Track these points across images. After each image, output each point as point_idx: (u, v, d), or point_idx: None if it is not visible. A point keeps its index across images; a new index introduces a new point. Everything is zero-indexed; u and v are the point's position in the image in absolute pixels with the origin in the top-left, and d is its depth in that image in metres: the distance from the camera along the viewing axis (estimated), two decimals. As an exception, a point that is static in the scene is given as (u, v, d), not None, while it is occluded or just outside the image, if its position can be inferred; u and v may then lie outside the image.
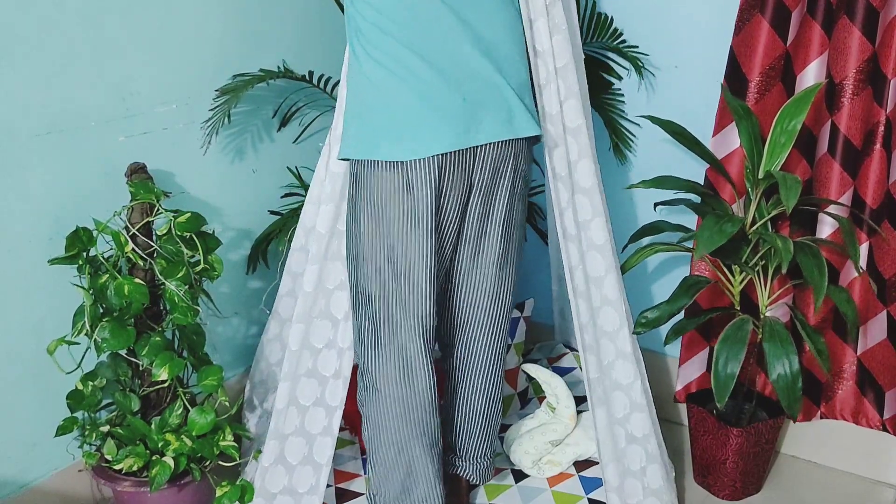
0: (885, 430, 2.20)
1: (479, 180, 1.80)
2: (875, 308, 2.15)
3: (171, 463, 1.90)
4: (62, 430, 1.95)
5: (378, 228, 1.77)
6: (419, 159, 1.71)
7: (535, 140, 1.90)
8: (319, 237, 1.92)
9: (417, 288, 1.80)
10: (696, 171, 2.27)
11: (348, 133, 1.79)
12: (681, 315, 2.16)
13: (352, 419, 2.33)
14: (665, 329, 2.24)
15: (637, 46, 2.33)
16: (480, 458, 2.13)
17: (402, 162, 1.72)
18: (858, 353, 2.22)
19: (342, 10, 2.08)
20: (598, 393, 2.04)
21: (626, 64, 2.37)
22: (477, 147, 1.76)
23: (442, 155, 1.72)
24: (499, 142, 1.77)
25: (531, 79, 1.86)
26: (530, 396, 2.57)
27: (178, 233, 1.93)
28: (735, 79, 2.13)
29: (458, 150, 1.73)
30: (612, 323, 2.05)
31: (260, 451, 2.01)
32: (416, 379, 1.86)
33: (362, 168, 1.77)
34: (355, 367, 1.98)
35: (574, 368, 2.60)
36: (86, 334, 1.87)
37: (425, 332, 1.85)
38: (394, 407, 1.87)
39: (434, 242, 1.78)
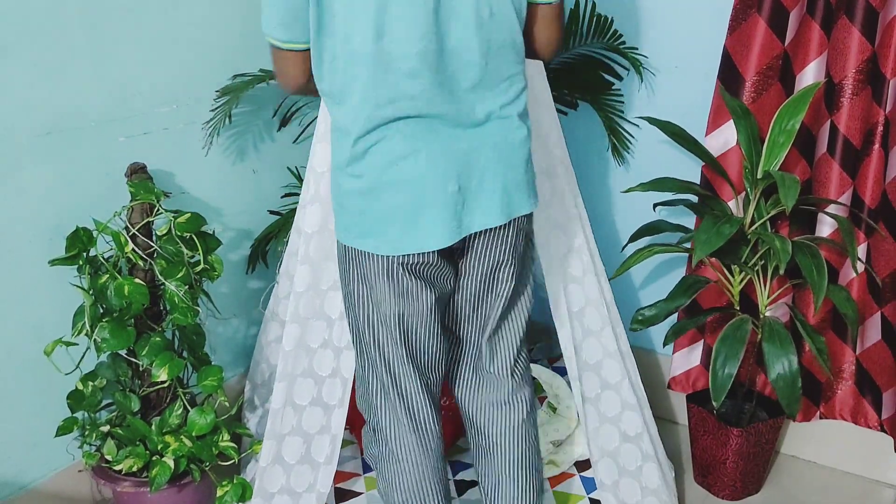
0: (882, 430, 2.20)
1: (474, 252, 1.67)
2: (871, 309, 2.15)
3: (171, 463, 1.90)
4: (62, 431, 1.96)
5: (371, 296, 1.64)
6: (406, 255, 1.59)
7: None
8: (307, 237, 1.91)
9: (417, 349, 1.70)
10: (694, 170, 2.27)
11: (334, 209, 1.65)
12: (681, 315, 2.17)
13: (351, 419, 2.33)
14: (665, 329, 2.25)
15: (637, 48, 2.33)
16: None
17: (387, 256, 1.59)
18: (857, 353, 2.22)
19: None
20: (585, 390, 2.06)
21: (626, 64, 2.37)
22: (470, 234, 1.62)
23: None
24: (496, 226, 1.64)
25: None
26: (530, 396, 2.57)
27: (178, 233, 1.93)
28: (730, 78, 2.13)
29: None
30: (595, 322, 2.05)
31: (259, 443, 2.00)
32: (425, 433, 1.76)
33: (349, 248, 1.65)
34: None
35: (574, 368, 2.60)
36: (86, 335, 1.87)
37: (431, 387, 1.76)
38: (407, 460, 1.77)
39: (432, 308, 1.66)
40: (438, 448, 1.78)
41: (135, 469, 1.93)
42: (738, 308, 2.17)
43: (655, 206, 2.26)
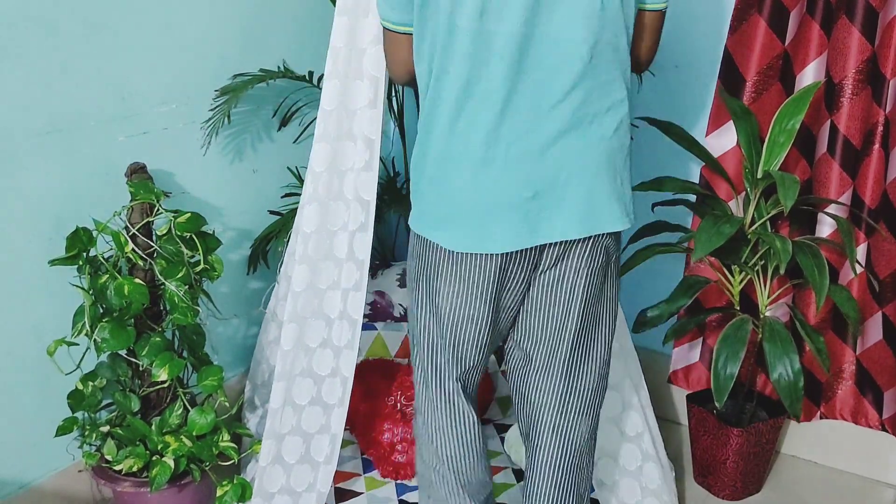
0: (884, 429, 2.20)
1: (546, 268, 1.59)
2: (872, 309, 2.15)
3: (171, 463, 1.90)
4: (62, 431, 1.95)
5: (429, 290, 1.61)
6: (474, 254, 1.53)
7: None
8: (305, 237, 1.91)
9: (461, 354, 1.65)
10: (694, 170, 2.27)
11: (412, 197, 1.61)
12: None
13: (351, 419, 2.33)
14: (665, 328, 2.25)
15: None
16: None
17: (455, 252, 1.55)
18: (858, 353, 2.22)
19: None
20: None
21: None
22: (544, 245, 1.54)
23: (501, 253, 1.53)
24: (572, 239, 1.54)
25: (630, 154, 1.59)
26: (530, 396, 2.56)
27: (178, 233, 1.93)
28: (730, 78, 2.13)
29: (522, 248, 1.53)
30: None
31: (259, 443, 2.01)
32: (464, 431, 1.71)
33: (419, 236, 1.62)
34: (356, 367, 1.98)
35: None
36: (86, 335, 1.87)
37: (469, 390, 1.71)
38: (443, 457, 1.74)
39: (488, 317, 1.60)
40: (475, 442, 1.73)
41: (135, 469, 1.93)
42: (738, 308, 2.17)
43: (654, 206, 2.26)
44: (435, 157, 1.53)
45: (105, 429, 1.97)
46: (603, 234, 1.56)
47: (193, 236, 1.95)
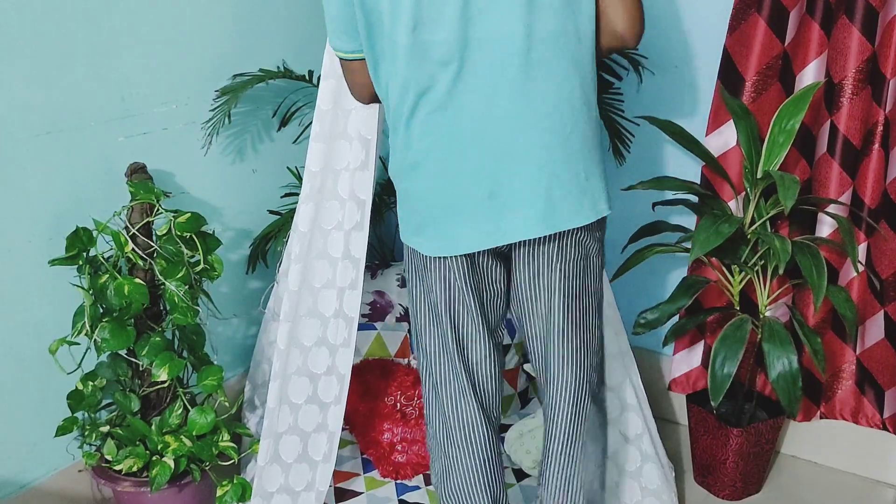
0: (885, 428, 2.20)
1: (517, 266, 1.64)
2: (873, 308, 2.15)
3: (171, 463, 1.90)
4: (62, 430, 1.96)
5: (424, 288, 1.67)
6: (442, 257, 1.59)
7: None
8: (301, 236, 1.91)
9: (467, 350, 1.68)
10: (695, 170, 2.27)
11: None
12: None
13: (351, 418, 2.33)
14: (665, 329, 2.25)
15: (637, 48, 2.33)
16: None
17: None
18: (857, 352, 2.22)
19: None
20: None
21: (626, 63, 2.36)
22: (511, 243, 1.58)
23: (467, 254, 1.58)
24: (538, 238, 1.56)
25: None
26: (530, 396, 2.57)
27: (178, 233, 1.93)
28: (730, 78, 2.13)
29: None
30: None
31: (258, 442, 2.01)
32: (473, 441, 1.72)
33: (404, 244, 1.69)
34: (355, 366, 1.98)
35: (574, 368, 2.60)
36: (86, 334, 1.87)
37: (481, 390, 1.71)
38: (454, 460, 1.74)
39: (478, 310, 1.65)
40: (485, 452, 1.73)
41: (135, 469, 1.93)
42: (737, 308, 2.17)
43: (654, 205, 2.26)
44: (400, 169, 1.59)
45: (105, 429, 1.97)
46: (572, 230, 1.56)
47: (193, 236, 1.95)
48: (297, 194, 2.41)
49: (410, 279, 1.71)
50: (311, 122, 2.44)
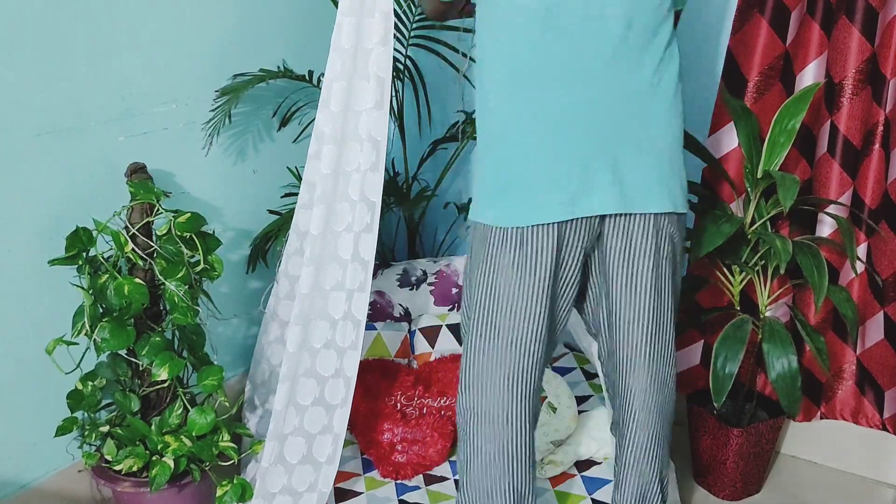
0: (884, 429, 2.20)
1: (601, 245, 1.66)
2: (873, 308, 2.15)
3: (171, 463, 1.90)
4: (62, 430, 1.95)
5: (490, 268, 1.65)
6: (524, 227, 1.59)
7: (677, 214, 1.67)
8: (313, 239, 1.91)
9: (516, 341, 1.66)
10: (694, 169, 2.27)
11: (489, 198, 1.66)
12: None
13: (352, 419, 2.33)
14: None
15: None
16: None
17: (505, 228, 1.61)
18: (858, 353, 2.22)
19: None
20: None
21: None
22: (589, 217, 1.60)
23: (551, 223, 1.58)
24: (615, 214, 1.61)
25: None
26: (530, 396, 2.56)
27: (178, 233, 1.93)
28: (733, 78, 2.13)
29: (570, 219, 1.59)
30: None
31: (260, 443, 2.00)
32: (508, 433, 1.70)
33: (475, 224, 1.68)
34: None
35: (574, 368, 2.60)
36: (86, 334, 1.87)
37: (524, 385, 1.69)
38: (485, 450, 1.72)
39: (544, 295, 1.63)
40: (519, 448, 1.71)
41: (135, 469, 1.93)
42: (738, 308, 2.17)
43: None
44: (495, 137, 1.62)
45: (105, 429, 1.97)
46: (664, 223, 1.62)
47: (193, 236, 1.95)
48: (298, 194, 2.42)
49: (477, 263, 1.66)
50: (311, 122, 2.46)
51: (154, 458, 1.93)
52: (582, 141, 1.55)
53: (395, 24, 2.13)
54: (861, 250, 2.13)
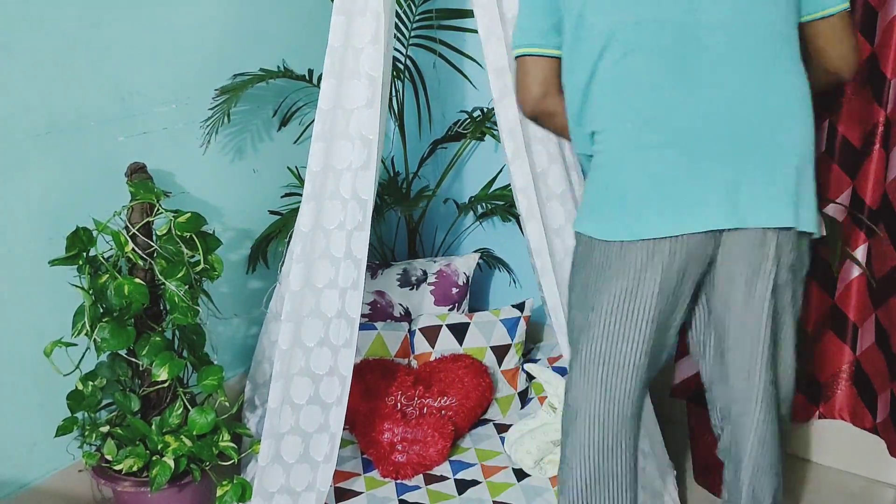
0: (875, 433, 2.20)
1: (718, 263, 1.54)
2: (869, 311, 2.15)
3: (171, 463, 1.90)
4: (62, 431, 1.96)
5: (586, 291, 1.57)
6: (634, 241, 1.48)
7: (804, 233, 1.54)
8: (303, 236, 1.91)
9: (617, 365, 1.58)
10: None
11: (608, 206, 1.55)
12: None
13: (351, 418, 2.33)
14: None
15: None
16: None
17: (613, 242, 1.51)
18: (857, 353, 2.22)
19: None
20: None
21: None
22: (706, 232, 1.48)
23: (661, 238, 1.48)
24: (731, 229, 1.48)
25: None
26: (531, 396, 2.57)
27: (178, 233, 1.93)
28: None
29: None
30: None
31: (259, 443, 2.01)
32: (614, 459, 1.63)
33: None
34: (355, 366, 1.98)
35: (574, 368, 2.60)
36: (86, 334, 1.87)
37: (625, 415, 1.62)
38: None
39: (649, 316, 1.54)
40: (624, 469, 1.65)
41: (135, 469, 1.93)
42: (738, 308, 2.17)
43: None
44: (629, 145, 1.51)
45: (105, 429, 1.97)
46: (799, 240, 1.52)
47: (193, 236, 1.95)
48: (298, 194, 2.42)
49: (587, 279, 1.57)
50: (312, 122, 2.46)
51: (154, 457, 1.93)
52: (700, 152, 1.46)
53: (396, 24, 2.13)
54: (860, 251, 2.13)
